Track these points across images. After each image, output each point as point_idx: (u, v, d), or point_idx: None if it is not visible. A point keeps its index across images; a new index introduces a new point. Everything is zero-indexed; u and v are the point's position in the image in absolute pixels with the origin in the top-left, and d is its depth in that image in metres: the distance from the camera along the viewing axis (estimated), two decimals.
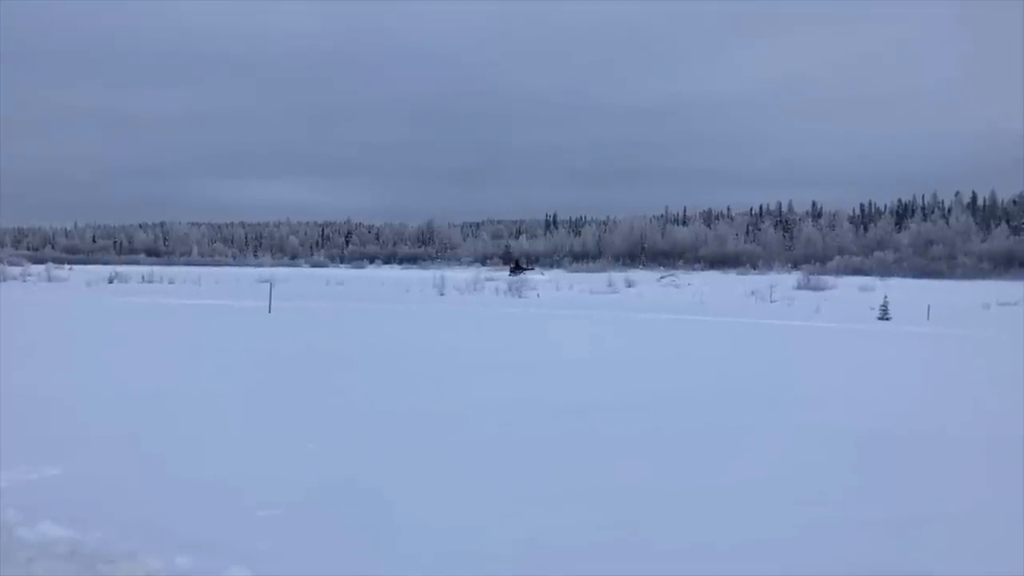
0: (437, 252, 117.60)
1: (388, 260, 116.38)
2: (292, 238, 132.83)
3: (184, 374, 8.64)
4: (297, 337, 13.19)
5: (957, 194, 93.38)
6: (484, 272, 64.69)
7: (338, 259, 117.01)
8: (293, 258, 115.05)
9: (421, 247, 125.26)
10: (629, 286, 39.58)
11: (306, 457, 5.14)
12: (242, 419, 6.28)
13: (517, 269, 63.53)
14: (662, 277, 54.18)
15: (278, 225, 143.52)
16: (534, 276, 54.05)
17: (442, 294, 30.71)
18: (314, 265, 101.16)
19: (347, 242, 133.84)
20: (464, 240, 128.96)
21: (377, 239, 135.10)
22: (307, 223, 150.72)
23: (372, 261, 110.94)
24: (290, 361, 10.01)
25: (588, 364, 10.36)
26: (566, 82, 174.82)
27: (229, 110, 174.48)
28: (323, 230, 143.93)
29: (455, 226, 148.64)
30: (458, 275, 46.77)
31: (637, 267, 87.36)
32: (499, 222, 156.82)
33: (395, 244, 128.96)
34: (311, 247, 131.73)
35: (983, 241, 74.63)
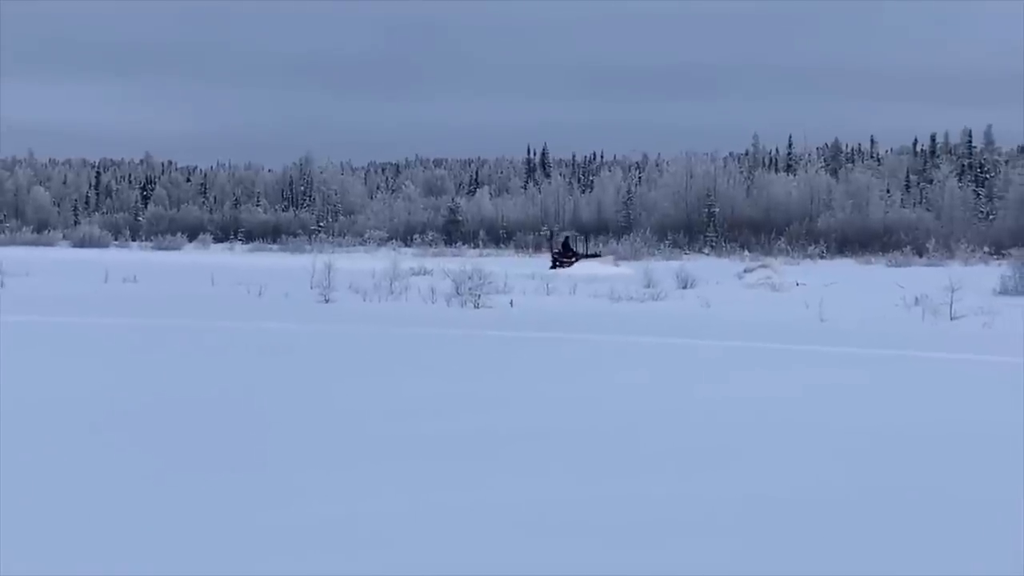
0: (319, 220, 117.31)
1: (225, 235, 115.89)
2: (38, 191, 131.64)
3: None
4: (39, 377, 13.02)
5: None
6: (409, 257, 64.32)
7: (128, 231, 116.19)
8: (40, 230, 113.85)
9: (288, 210, 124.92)
10: (686, 286, 39.59)
11: None
12: None
13: (565, 256, 62.15)
14: (748, 270, 54.35)
15: (8, 167, 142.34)
16: (603, 268, 53.44)
17: (328, 300, 30.56)
18: (81, 243, 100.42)
19: (145, 199, 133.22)
20: (371, 197, 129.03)
21: (203, 194, 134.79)
22: (67, 163, 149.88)
23: (195, 236, 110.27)
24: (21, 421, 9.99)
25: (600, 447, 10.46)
26: None
27: None
28: (98, 176, 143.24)
29: (354, 170, 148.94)
30: (360, 264, 46.46)
31: (700, 249, 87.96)
32: (436, 163, 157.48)
33: (239, 204, 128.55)
34: (75, 208, 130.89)
35: None
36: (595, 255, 65.06)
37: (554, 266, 58.86)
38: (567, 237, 68.40)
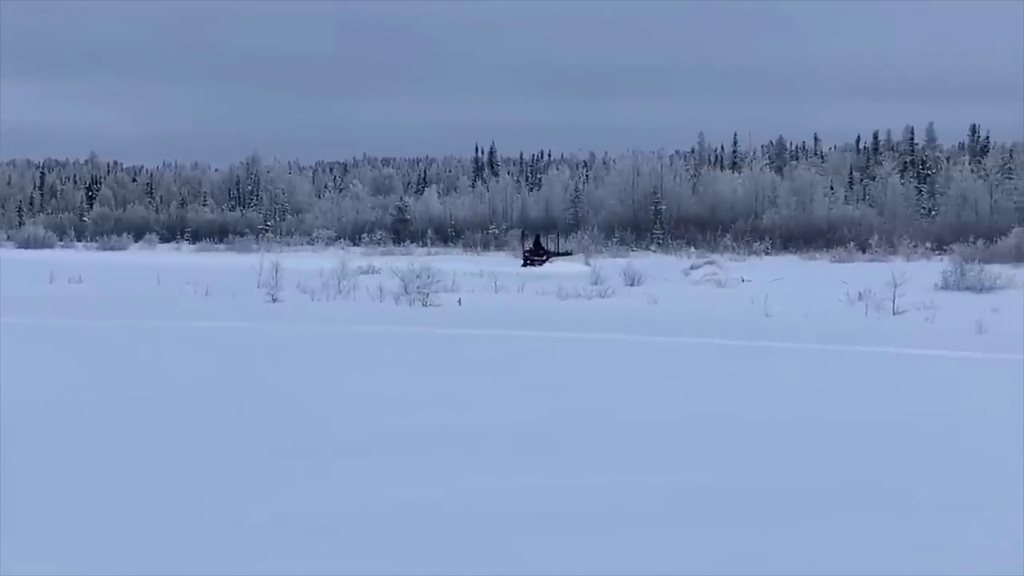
0: (266, 219, 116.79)
1: (171, 235, 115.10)
2: None
3: None
4: None
5: None
6: (358, 256, 64.01)
7: (73, 232, 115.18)
8: None
9: (235, 210, 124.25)
10: (633, 283, 39.83)
11: None
12: None
13: (536, 254, 61.91)
14: (695, 267, 54.71)
15: None
16: (564, 267, 53.30)
17: (275, 300, 30.45)
18: (25, 244, 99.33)
19: (91, 200, 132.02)
20: (318, 196, 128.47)
21: (149, 194, 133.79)
22: (11, 163, 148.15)
23: (141, 236, 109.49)
24: None
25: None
26: None
27: None
28: (43, 177, 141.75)
29: (301, 170, 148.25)
30: (308, 263, 46.31)
31: (647, 246, 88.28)
32: (384, 162, 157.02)
33: (185, 204, 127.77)
34: (19, 209, 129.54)
35: None
36: (566, 253, 64.96)
37: (525, 264, 58.77)
38: (538, 235, 68.33)
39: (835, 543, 7.10)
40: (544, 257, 60.62)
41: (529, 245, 64.44)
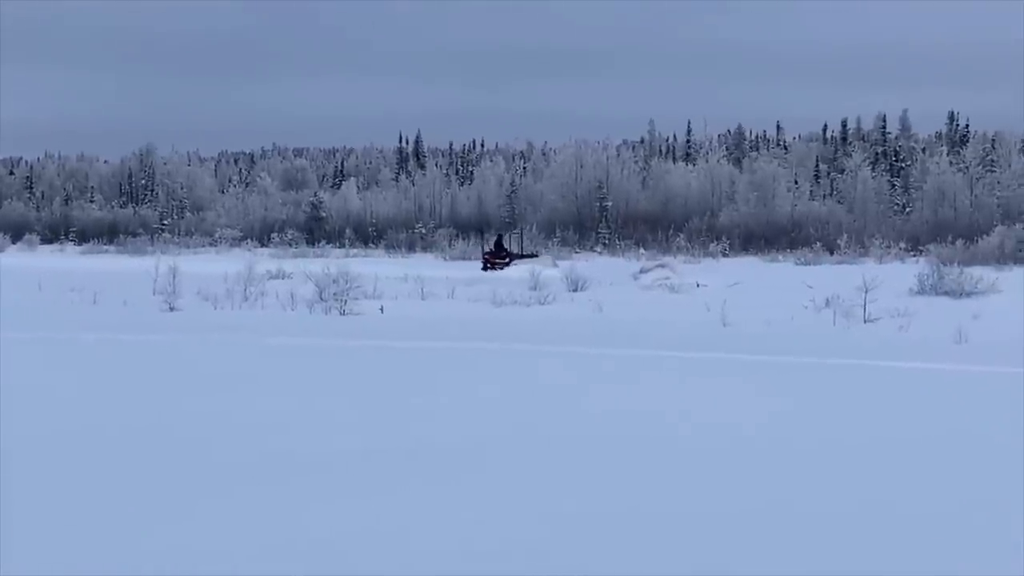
0: (163, 217, 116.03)
1: (54, 235, 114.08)
2: None
3: None
4: None
5: None
6: (266, 259, 63.64)
7: None
8: None
9: (127, 207, 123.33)
10: (576, 289, 39.98)
11: None
12: None
13: (497, 257, 61.38)
14: (645, 270, 54.92)
15: None
16: (540, 270, 52.72)
17: (173, 308, 30.26)
18: None
19: None
20: (222, 191, 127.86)
21: (29, 189, 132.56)
22: None
23: (19, 236, 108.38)
24: None
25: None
26: None
27: None
28: None
29: (202, 161, 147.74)
30: (210, 267, 46.03)
31: (592, 247, 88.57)
32: (296, 152, 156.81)
33: (70, 200, 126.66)
34: None
35: None
36: (532, 255, 64.72)
37: (486, 268, 58.51)
38: (500, 236, 68.23)
39: (818, 563, 7.17)
40: (507, 260, 60.43)
41: (490, 247, 64.37)
